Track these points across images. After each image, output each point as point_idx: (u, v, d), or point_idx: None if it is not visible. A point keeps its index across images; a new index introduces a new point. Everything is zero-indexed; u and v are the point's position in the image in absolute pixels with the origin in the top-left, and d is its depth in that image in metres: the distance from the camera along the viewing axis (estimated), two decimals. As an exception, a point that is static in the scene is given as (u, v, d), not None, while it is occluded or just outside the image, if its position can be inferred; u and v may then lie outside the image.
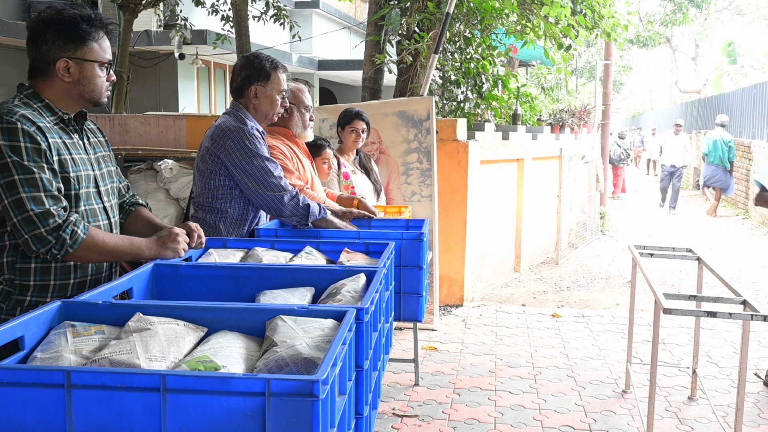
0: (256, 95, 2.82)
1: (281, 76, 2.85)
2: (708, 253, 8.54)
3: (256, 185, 2.72)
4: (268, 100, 2.83)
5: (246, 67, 2.83)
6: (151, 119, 5.98)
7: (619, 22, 7.92)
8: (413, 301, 2.64)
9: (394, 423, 3.54)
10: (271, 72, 2.82)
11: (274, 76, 2.83)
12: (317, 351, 1.35)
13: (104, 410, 1.14)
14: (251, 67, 2.82)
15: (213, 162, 2.76)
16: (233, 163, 2.71)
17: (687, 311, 2.93)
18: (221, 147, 2.72)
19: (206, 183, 2.80)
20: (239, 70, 2.85)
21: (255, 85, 2.81)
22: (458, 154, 5.54)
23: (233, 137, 2.71)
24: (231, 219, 2.81)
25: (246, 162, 2.70)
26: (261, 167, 2.71)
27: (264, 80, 2.81)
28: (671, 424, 3.56)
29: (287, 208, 2.72)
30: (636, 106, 41.06)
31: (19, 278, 1.90)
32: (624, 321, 5.20)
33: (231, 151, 2.71)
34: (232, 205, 2.79)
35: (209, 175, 2.78)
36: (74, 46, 1.91)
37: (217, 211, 2.80)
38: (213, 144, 2.75)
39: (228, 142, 2.71)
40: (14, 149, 1.80)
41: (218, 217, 2.80)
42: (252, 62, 2.83)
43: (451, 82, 6.93)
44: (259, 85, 2.81)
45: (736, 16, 29.23)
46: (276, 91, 2.84)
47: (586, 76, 27.41)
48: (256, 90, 2.82)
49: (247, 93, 2.83)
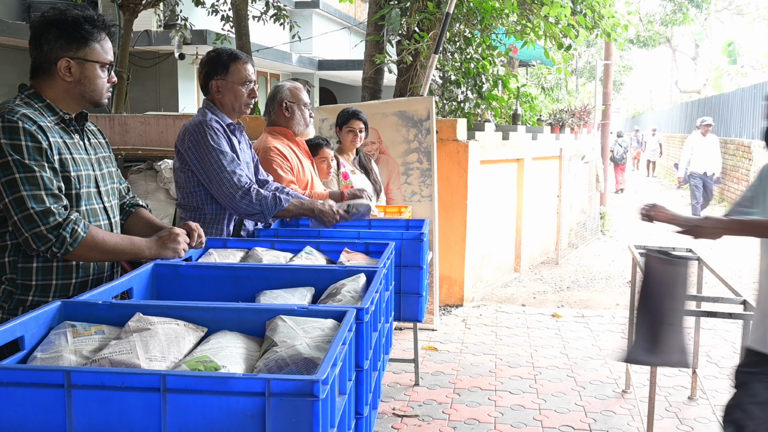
0: (218, 90, 2.79)
1: (242, 66, 2.79)
2: (708, 253, 8.54)
3: (210, 181, 2.68)
4: (230, 93, 2.79)
5: (206, 64, 2.82)
6: (151, 119, 5.99)
7: (619, 22, 7.92)
8: (413, 301, 2.64)
9: (394, 423, 3.54)
10: (230, 64, 2.78)
11: (233, 68, 2.78)
12: (317, 351, 1.35)
13: (104, 410, 1.14)
14: (210, 63, 2.81)
15: (180, 161, 2.76)
16: (192, 159, 2.70)
17: (687, 311, 2.93)
18: (183, 144, 2.72)
19: (180, 183, 2.80)
20: (200, 69, 2.85)
21: (215, 80, 2.79)
22: (458, 154, 5.54)
23: (191, 132, 2.71)
24: (209, 217, 2.78)
25: (202, 156, 2.67)
26: (215, 162, 2.66)
27: (222, 73, 2.78)
28: (671, 424, 3.56)
29: (241, 206, 2.67)
30: (636, 106, 41.07)
31: (21, 278, 1.90)
32: (624, 321, 5.20)
33: (189, 148, 2.70)
34: (208, 202, 2.77)
35: (180, 174, 2.78)
36: (76, 46, 1.92)
37: (195, 209, 2.79)
38: (178, 142, 2.76)
39: (187, 138, 2.71)
40: (15, 148, 1.80)
41: (197, 216, 2.78)
42: (211, 58, 2.82)
43: (451, 82, 6.93)
44: (219, 79, 2.78)
45: (736, 16, 29.24)
46: (237, 82, 2.78)
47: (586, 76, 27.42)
48: (217, 84, 2.79)
49: (210, 88, 2.81)
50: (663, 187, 19.88)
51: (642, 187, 19.54)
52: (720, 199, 14.96)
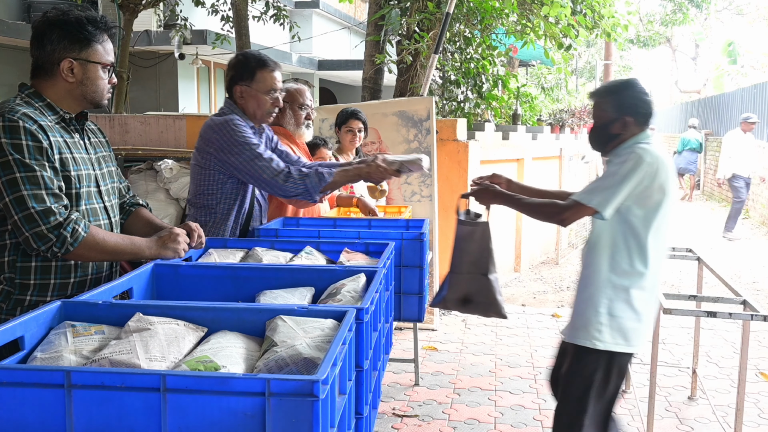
0: (242, 95, 2.75)
1: (269, 75, 2.73)
2: (708, 253, 8.54)
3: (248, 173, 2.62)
4: (253, 101, 2.74)
5: (233, 67, 2.77)
6: (151, 119, 5.98)
7: (619, 22, 7.93)
8: (413, 301, 2.64)
9: (394, 423, 3.54)
10: (256, 71, 2.72)
11: (260, 75, 2.72)
12: (317, 351, 1.35)
13: (104, 410, 1.14)
14: (237, 66, 2.75)
15: (202, 158, 2.72)
16: (223, 154, 2.64)
17: (687, 311, 2.93)
18: (209, 141, 2.67)
19: (196, 180, 2.77)
20: (227, 70, 2.81)
21: (240, 85, 2.74)
22: (458, 154, 5.54)
23: (219, 129, 2.66)
24: (219, 216, 2.76)
25: (234, 151, 2.62)
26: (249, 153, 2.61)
27: (248, 80, 2.72)
28: (671, 424, 3.56)
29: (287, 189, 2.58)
30: (636, 106, 41.00)
31: (19, 277, 1.90)
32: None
33: (219, 144, 2.64)
34: (221, 201, 2.76)
35: (199, 171, 2.75)
36: (79, 47, 1.92)
37: (206, 208, 2.76)
38: (201, 140, 2.72)
39: (214, 136, 2.66)
40: (16, 147, 1.80)
41: (207, 214, 2.76)
42: (239, 62, 2.76)
43: (451, 82, 6.93)
44: (244, 85, 2.73)
45: (736, 16, 29.24)
46: (262, 90, 2.72)
47: (586, 76, 27.42)
48: (241, 90, 2.74)
49: (234, 93, 2.77)
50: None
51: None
52: (720, 198, 14.97)
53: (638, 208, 2.39)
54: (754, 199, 12.33)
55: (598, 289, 2.43)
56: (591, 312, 2.43)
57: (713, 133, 17.08)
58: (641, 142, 2.44)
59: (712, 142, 16.57)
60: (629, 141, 2.47)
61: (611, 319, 2.41)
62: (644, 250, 2.41)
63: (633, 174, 2.34)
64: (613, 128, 2.49)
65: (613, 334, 2.41)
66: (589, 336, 2.42)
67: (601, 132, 2.54)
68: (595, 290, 2.44)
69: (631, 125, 2.47)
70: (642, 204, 2.39)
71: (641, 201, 2.39)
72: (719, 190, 15.33)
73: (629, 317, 2.41)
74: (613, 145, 2.51)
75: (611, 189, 2.35)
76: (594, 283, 2.45)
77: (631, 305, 2.42)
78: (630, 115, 2.46)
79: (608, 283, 2.42)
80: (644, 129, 2.49)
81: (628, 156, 2.38)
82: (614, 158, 2.46)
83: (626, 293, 2.41)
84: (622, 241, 2.42)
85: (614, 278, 2.42)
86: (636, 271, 2.41)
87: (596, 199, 2.36)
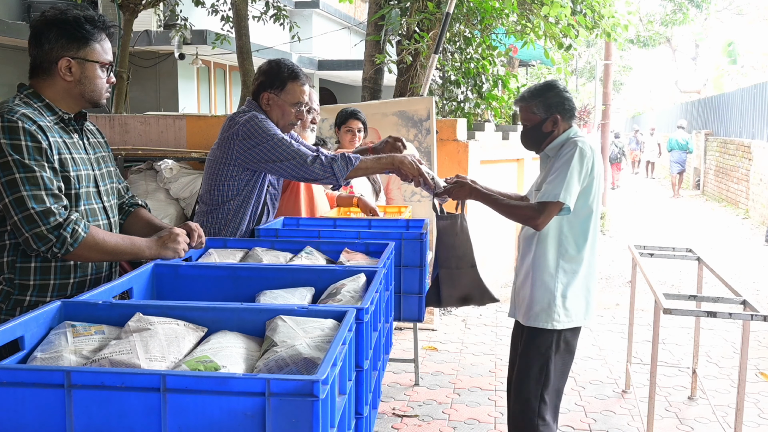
0: (268, 102, 2.76)
1: (299, 88, 2.76)
2: (708, 253, 8.53)
3: (276, 160, 2.62)
4: (279, 110, 2.76)
5: (264, 73, 2.77)
6: (151, 119, 5.98)
7: (619, 22, 7.92)
8: (413, 301, 2.64)
9: (394, 423, 3.54)
10: (287, 82, 2.74)
11: (290, 87, 2.74)
12: (317, 351, 1.35)
13: (104, 410, 1.14)
14: (269, 73, 2.76)
15: (223, 152, 2.71)
16: (249, 145, 2.64)
17: (687, 311, 2.93)
18: (235, 134, 2.67)
19: (213, 175, 2.76)
20: (258, 74, 2.80)
21: (268, 92, 2.75)
22: (458, 154, 5.53)
23: (245, 123, 2.66)
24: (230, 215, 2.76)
25: (262, 142, 2.62)
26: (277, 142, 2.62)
27: (278, 89, 2.74)
28: (671, 424, 3.56)
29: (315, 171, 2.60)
30: (636, 106, 41.05)
31: (18, 278, 1.90)
32: (624, 321, 5.20)
33: (246, 135, 2.64)
34: (231, 198, 2.75)
35: (217, 166, 2.74)
36: (77, 46, 1.92)
37: (217, 205, 2.76)
38: (225, 132, 2.72)
39: (241, 129, 2.66)
40: (15, 148, 1.80)
41: (217, 212, 2.76)
42: (271, 68, 2.77)
43: (451, 82, 6.93)
44: (272, 93, 2.75)
45: (736, 16, 29.22)
46: (289, 102, 2.75)
47: (586, 76, 27.42)
48: (268, 97, 2.76)
49: (261, 98, 2.78)
50: (662, 187, 19.87)
51: (641, 188, 19.53)
52: (719, 199, 14.97)
53: (580, 197, 2.61)
54: (754, 199, 12.33)
55: (552, 276, 2.65)
56: (548, 297, 2.65)
57: (713, 133, 17.07)
58: (574, 136, 2.67)
59: (712, 142, 16.57)
60: (561, 136, 2.69)
61: (565, 300, 2.65)
62: (586, 233, 2.66)
63: (579, 164, 2.56)
64: (544, 127, 2.71)
65: (568, 313, 2.65)
66: (549, 319, 2.65)
67: (534, 133, 2.75)
68: (549, 277, 2.65)
69: (560, 122, 2.69)
70: (583, 192, 2.61)
71: (582, 189, 2.60)
72: (719, 191, 15.34)
73: (581, 297, 2.67)
74: (546, 142, 2.73)
75: (568, 181, 2.54)
76: (546, 270, 2.66)
77: (581, 286, 2.67)
78: (558, 113, 2.68)
79: (560, 269, 2.65)
80: (571, 124, 2.73)
81: (570, 149, 2.59)
82: (553, 153, 2.68)
83: (576, 276, 2.65)
84: (568, 229, 2.65)
85: (564, 264, 2.65)
86: (582, 254, 2.65)
87: (562, 194, 2.53)
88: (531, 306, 2.69)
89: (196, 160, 5.66)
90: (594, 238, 2.69)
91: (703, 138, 17.30)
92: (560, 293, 2.64)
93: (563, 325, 2.64)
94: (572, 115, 2.72)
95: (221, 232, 2.77)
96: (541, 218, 2.56)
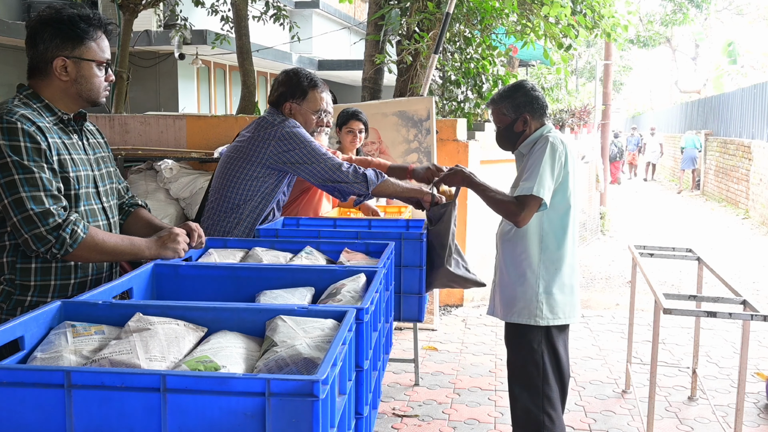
0: (291, 112, 2.82)
1: (320, 95, 2.83)
2: (708, 253, 8.53)
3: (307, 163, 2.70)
4: (302, 118, 2.83)
5: (284, 83, 2.83)
6: (151, 119, 5.98)
7: (619, 22, 7.92)
8: (413, 301, 2.64)
9: (394, 423, 3.54)
10: (309, 90, 2.81)
11: (311, 95, 2.82)
12: (317, 351, 1.35)
13: (104, 410, 1.14)
14: (289, 84, 2.82)
15: (251, 151, 2.74)
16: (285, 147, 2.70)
17: (687, 311, 2.93)
18: (271, 135, 2.72)
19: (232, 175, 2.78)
20: (277, 85, 2.85)
21: (290, 102, 2.81)
22: (458, 154, 5.53)
23: (278, 126, 2.73)
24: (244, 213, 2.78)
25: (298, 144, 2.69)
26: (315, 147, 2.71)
27: (300, 98, 2.81)
28: (671, 424, 3.56)
29: (347, 174, 2.69)
30: (636, 106, 41.06)
31: (19, 278, 1.90)
32: (624, 321, 5.20)
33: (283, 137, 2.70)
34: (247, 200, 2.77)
35: (238, 166, 2.76)
36: (72, 45, 1.91)
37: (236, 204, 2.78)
38: (256, 133, 2.75)
39: (278, 130, 2.72)
40: (14, 149, 1.80)
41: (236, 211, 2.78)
42: (290, 79, 2.82)
43: (451, 82, 6.92)
44: (295, 103, 2.81)
45: (736, 16, 29.23)
46: (311, 110, 2.83)
47: (586, 76, 27.41)
48: (290, 107, 2.81)
49: (283, 108, 2.83)
50: (663, 187, 19.88)
51: (641, 188, 19.53)
52: (720, 199, 14.97)
53: (557, 192, 2.65)
54: (754, 199, 12.33)
55: (533, 272, 2.70)
56: (530, 293, 2.69)
57: (713, 133, 17.07)
58: (546, 132, 2.73)
59: (712, 142, 16.57)
60: (535, 134, 2.76)
61: (548, 297, 2.69)
62: (566, 228, 2.70)
63: (551, 159, 2.61)
64: (516, 127, 2.79)
65: (552, 310, 2.69)
66: (533, 315, 2.69)
67: (506, 133, 2.83)
68: (531, 273, 2.70)
69: (531, 120, 2.77)
70: (559, 187, 2.66)
71: (559, 184, 2.65)
72: (719, 191, 15.33)
73: (562, 293, 2.70)
74: (520, 141, 2.80)
75: (541, 176, 2.58)
76: (528, 266, 2.71)
77: (563, 282, 2.70)
78: (527, 112, 2.76)
79: (541, 265, 2.69)
80: (543, 122, 2.79)
81: (542, 146, 2.65)
82: (526, 151, 2.75)
83: (558, 272, 2.70)
84: (548, 225, 2.70)
85: (546, 260, 2.69)
86: (563, 250, 2.70)
87: (536, 188, 2.57)
88: (514, 302, 2.73)
89: (196, 160, 5.66)
90: (573, 233, 2.74)
91: (703, 138, 17.31)
92: (543, 289, 2.68)
93: (548, 321, 2.69)
94: (542, 113, 2.78)
95: (232, 231, 2.78)
96: (522, 214, 2.60)
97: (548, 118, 2.83)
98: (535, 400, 2.71)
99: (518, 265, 2.73)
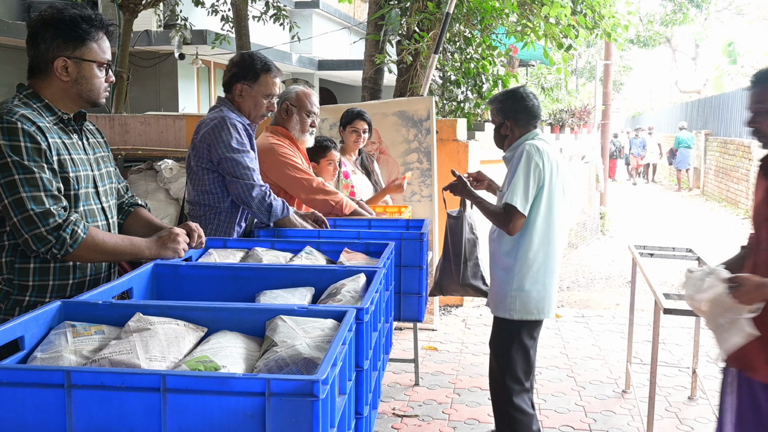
0: (241, 93, 2.81)
1: (271, 80, 2.82)
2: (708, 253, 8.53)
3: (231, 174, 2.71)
4: (252, 101, 2.81)
5: (237, 65, 2.83)
6: (151, 119, 5.98)
7: (619, 22, 7.91)
8: (413, 301, 2.64)
9: (394, 423, 3.54)
10: (261, 73, 2.80)
11: (263, 78, 2.80)
12: (317, 351, 1.35)
13: (104, 410, 1.14)
14: (242, 65, 2.81)
15: (197, 157, 2.76)
16: (213, 152, 2.71)
17: (687, 311, 2.93)
18: (203, 139, 2.73)
19: (195, 179, 2.80)
20: (231, 65, 2.85)
21: (241, 83, 2.80)
22: (458, 154, 5.53)
23: (213, 127, 2.72)
24: (223, 215, 2.79)
25: (223, 150, 2.70)
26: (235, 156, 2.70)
27: (251, 80, 2.80)
28: (671, 424, 3.56)
29: (254, 200, 2.72)
30: (636, 106, 41.04)
31: (17, 278, 1.89)
32: (624, 321, 5.20)
33: (210, 141, 2.71)
34: (223, 200, 2.78)
35: (197, 171, 2.78)
36: (73, 45, 1.91)
37: (210, 207, 2.79)
38: (196, 137, 2.77)
39: (208, 134, 2.72)
40: (14, 149, 1.80)
41: (210, 213, 2.79)
42: (244, 60, 2.82)
43: (451, 82, 6.92)
44: (246, 84, 2.80)
45: (736, 16, 29.21)
46: (262, 93, 2.81)
47: (586, 76, 27.40)
48: (241, 88, 2.81)
49: (234, 89, 2.82)
50: (663, 187, 19.87)
51: (641, 188, 19.53)
52: (720, 199, 14.98)
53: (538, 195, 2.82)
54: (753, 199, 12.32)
55: (511, 269, 2.86)
56: (506, 288, 2.87)
57: (713, 133, 17.07)
58: (529, 139, 2.90)
59: (712, 142, 16.56)
60: (519, 140, 2.93)
61: (520, 293, 2.85)
62: (545, 230, 2.85)
63: (526, 167, 2.77)
64: (502, 130, 3.00)
65: (524, 306, 2.85)
66: (506, 309, 2.88)
67: (496, 133, 3.05)
68: (509, 269, 2.87)
69: (514, 127, 2.95)
70: (540, 190, 2.81)
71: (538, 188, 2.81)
72: (719, 191, 15.34)
73: (536, 290, 2.86)
74: (507, 143, 3.00)
75: (518, 187, 2.77)
76: (505, 264, 2.88)
77: (535, 280, 2.86)
78: (510, 119, 2.95)
79: (518, 262, 2.85)
80: (529, 128, 2.94)
81: (519, 155, 2.82)
82: (510, 156, 2.93)
83: (530, 270, 2.85)
84: (525, 226, 2.84)
85: (522, 258, 2.85)
86: (541, 250, 2.85)
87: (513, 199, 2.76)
88: (494, 297, 2.95)
89: (196, 160, 5.65)
90: (552, 234, 2.88)
91: (703, 138, 17.31)
92: (516, 286, 2.85)
93: (520, 316, 2.86)
94: (528, 122, 2.94)
95: (219, 232, 2.78)
96: (510, 225, 2.81)
97: (537, 124, 2.97)
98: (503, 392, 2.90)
99: (499, 262, 2.92)
